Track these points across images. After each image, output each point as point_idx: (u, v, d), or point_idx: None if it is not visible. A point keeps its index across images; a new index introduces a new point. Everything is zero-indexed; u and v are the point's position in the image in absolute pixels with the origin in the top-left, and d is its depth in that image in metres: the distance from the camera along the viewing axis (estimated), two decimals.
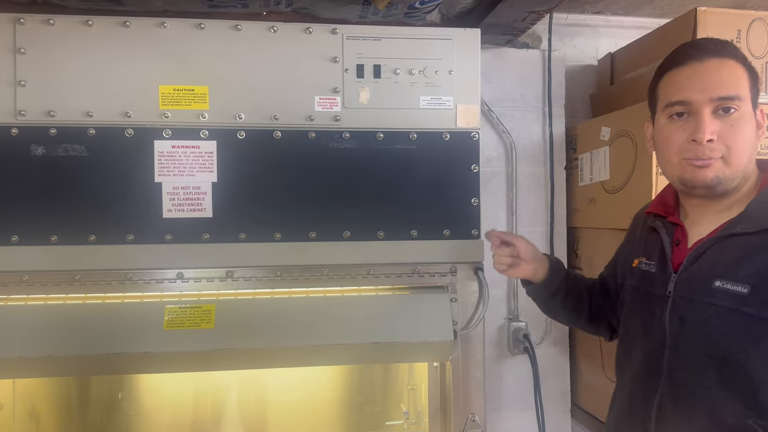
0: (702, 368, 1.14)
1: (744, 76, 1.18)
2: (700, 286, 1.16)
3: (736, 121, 1.15)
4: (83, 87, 1.57)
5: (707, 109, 1.16)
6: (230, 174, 1.63)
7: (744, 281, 1.10)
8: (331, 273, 1.69)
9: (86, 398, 1.87)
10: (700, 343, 1.15)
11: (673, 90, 1.21)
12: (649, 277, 1.29)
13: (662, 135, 1.24)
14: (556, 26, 2.25)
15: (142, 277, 1.63)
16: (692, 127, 1.17)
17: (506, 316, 2.13)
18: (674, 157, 1.21)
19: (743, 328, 1.10)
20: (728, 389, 1.11)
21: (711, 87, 1.15)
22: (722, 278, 1.13)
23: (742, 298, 1.10)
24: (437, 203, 1.68)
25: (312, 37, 1.65)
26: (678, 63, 1.21)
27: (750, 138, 1.17)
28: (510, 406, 2.12)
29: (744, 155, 1.16)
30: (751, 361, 1.09)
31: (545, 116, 2.17)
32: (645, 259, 1.33)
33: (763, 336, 1.08)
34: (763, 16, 1.79)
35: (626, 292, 1.39)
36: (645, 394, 1.24)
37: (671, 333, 1.20)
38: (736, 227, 1.15)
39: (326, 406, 1.97)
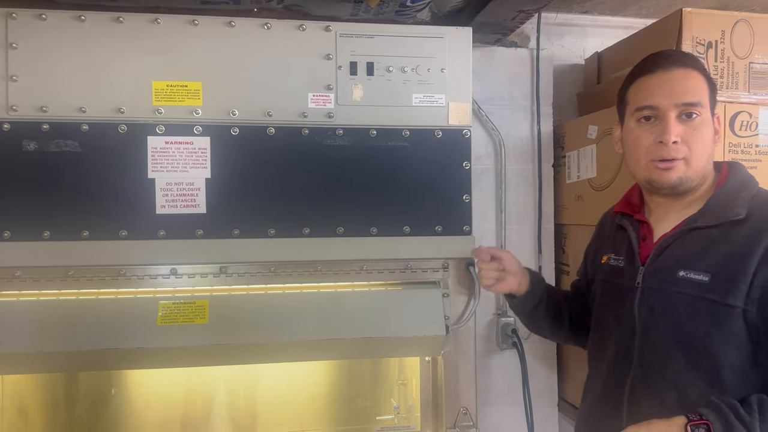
0: (670, 352, 1.25)
1: (705, 86, 1.30)
2: (666, 277, 1.28)
3: (697, 125, 1.27)
4: (76, 82, 1.57)
5: (673, 113, 1.27)
6: (224, 170, 1.63)
7: (705, 270, 1.22)
8: (324, 269, 1.70)
9: (75, 394, 1.86)
10: (668, 329, 1.26)
11: (642, 95, 1.32)
12: (618, 271, 1.40)
13: (631, 137, 1.34)
14: (545, 25, 2.27)
15: (136, 273, 1.63)
16: (659, 130, 1.28)
17: (495, 312, 2.16)
18: (642, 158, 1.32)
19: (707, 313, 1.21)
20: (694, 370, 1.22)
21: (677, 94, 1.27)
22: (686, 268, 1.25)
23: (705, 286, 1.21)
24: (429, 200, 1.70)
25: (305, 35, 1.66)
26: (647, 71, 1.32)
27: (709, 142, 1.29)
28: (499, 400, 2.15)
29: (703, 157, 1.29)
30: (714, 343, 1.20)
31: (533, 114, 2.20)
32: (613, 255, 1.45)
33: (725, 320, 1.19)
34: (746, 17, 1.83)
35: (596, 286, 1.49)
36: (617, 381, 1.34)
37: (641, 321, 1.30)
38: (698, 222, 1.28)
39: (316, 401, 1.97)
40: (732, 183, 1.31)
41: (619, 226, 1.46)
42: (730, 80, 1.83)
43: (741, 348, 1.19)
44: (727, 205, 1.26)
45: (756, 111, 1.82)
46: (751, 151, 1.82)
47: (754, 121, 1.82)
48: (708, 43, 1.80)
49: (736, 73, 1.83)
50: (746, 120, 1.82)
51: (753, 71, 1.84)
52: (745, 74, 1.84)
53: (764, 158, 1.83)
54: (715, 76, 1.82)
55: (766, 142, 1.83)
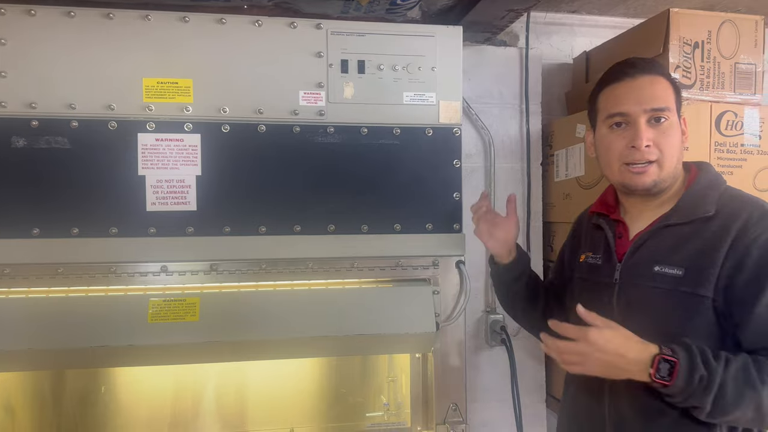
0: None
1: (671, 90, 1.36)
2: (642, 272, 1.34)
3: (666, 129, 1.33)
4: (65, 79, 1.56)
5: (642, 119, 1.33)
6: (214, 167, 1.63)
7: (679, 265, 1.29)
8: (315, 266, 1.71)
9: (64, 392, 1.85)
10: (645, 321, 1.30)
11: (612, 103, 1.37)
12: (596, 269, 1.46)
13: (604, 143, 1.40)
14: (534, 25, 2.29)
15: (126, 271, 1.63)
16: (630, 135, 1.33)
17: (484, 309, 2.18)
18: (615, 163, 1.37)
19: (680, 305, 1.28)
20: None
21: (645, 100, 1.32)
22: (661, 263, 1.32)
23: (679, 280, 1.28)
24: (420, 198, 1.71)
25: (296, 32, 1.66)
26: (614, 80, 1.38)
27: (678, 143, 1.35)
28: (488, 396, 2.17)
29: (674, 158, 1.34)
30: (687, 332, 1.26)
31: (522, 113, 2.21)
32: (591, 253, 1.50)
33: (696, 310, 1.26)
34: (732, 18, 1.85)
35: (575, 284, 1.55)
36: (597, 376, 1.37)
37: (619, 315, 1.34)
38: (671, 219, 1.34)
39: (306, 398, 1.98)
40: (701, 182, 1.37)
41: (595, 225, 1.51)
42: (716, 80, 1.86)
43: (710, 336, 1.26)
44: (698, 203, 1.33)
45: (741, 111, 1.85)
46: (736, 150, 1.84)
47: (740, 120, 1.85)
48: (695, 44, 1.83)
49: (722, 73, 1.86)
50: (732, 119, 1.85)
51: (738, 71, 1.87)
52: (731, 74, 1.87)
53: (749, 157, 1.86)
54: (701, 76, 1.84)
55: (750, 142, 1.86)
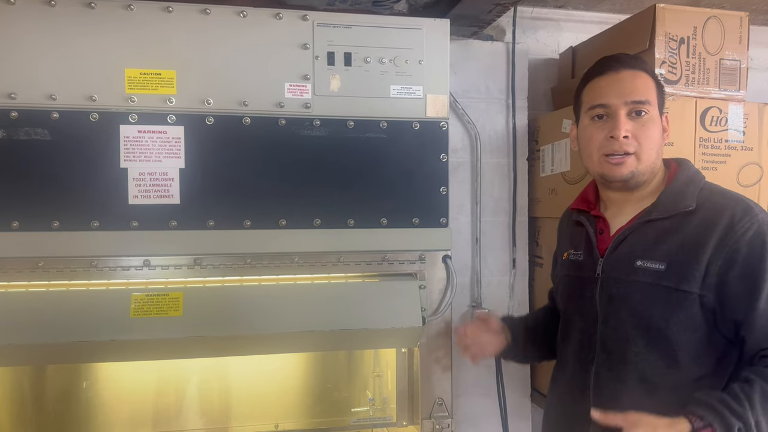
0: (630, 337, 1.34)
1: (652, 86, 1.40)
2: (624, 267, 1.37)
3: (646, 122, 1.37)
4: (46, 69, 1.53)
5: (623, 111, 1.36)
6: (198, 160, 1.61)
7: (661, 259, 1.32)
8: (301, 261, 1.69)
9: (45, 388, 1.82)
10: (627, 315, 1.35)
11: (594, 95, 1.41)
12: (578, 265, 1.49)
13: (586, 134, 1.43)
14: (520, 19, 2.29)
15: (108, 265, 1.60)
16: (610, 126, 1.37)
17: (470, 304, 2.17)
18: (595, 153, 1.40)
19: (662, 299, 1.31)
20: (653, 352, 1.32)
21: (626, 93, 1.36)
22: (643, 258, 1.34)
23: (660, 274, 1.31)
24: (407, 192, 1.70)
25: (282, 23, 1.64)
26: (598, 73, 1.42)
27: (657, 138, 1.38)
28: (472, 391, 2.17)
29: (653, 152, 1.37)
30: (669, 327, 1.30)
31: (509, 108, 2.21)
32: (573, 250, 1.53)
33: (679, 304, 1.29)
34: (718, 14, 1.86)
35: (559, 281, 1.60)
36: (583, 367, 1.43)
37: (601, 310, 1.39)
38: (652, 214, 1.37)
39: (291, 393, 1.97)
40: (681, 177, 1.40)
41: (576, 222, 1.54)
42: (701, 76, 1.87)
43: (696, 330, 1.29)
44: (678, 198, 1.36)
45: (726, 107, 1.86)
46: (720, 146, 1.86)
47: (724, 116, 1.86)
48: (680, 39, 1.84)
49: (707, 69, 1.87)
50: (716, 115, 1.86)
51: (723, 67, 1.88)
52: (716, 70, 1.88)
53: (733, 153, 1.87)
54: (687, 71, 1.85)
55: (735, 137, 1.87)
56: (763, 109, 1.90)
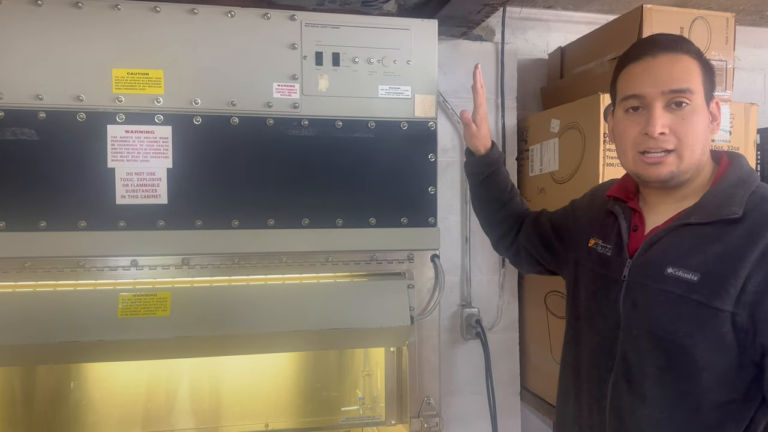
0: (652, 349, 1.20)
1: (697, 70, 1.21)
2: (653, 272, 1.22)
3: (687, 114, 1.19)
4: (32, 69, 1.52)
5: (659, 102, 1.20)
6: (186, 160, 1.61)
7: (695, 269, 1.16)
8: (289, 260, 1.69)
9: (34, 389, 1.82)
10: (649, 326, 1.21)
11: (628, 84, 1.25)
12: (605, 261, 1.34)
13: (619, 127, 1.29)
14: (509, 20, 2.30)
15: (95, 265, 1.60)
16: (645, 121, 1.22)
17: (459, 303, 2.18)
18: (629, 150, 1.26)
19: (691, 313, 1.15)
20: (675, 369, 1.18)
21: (662, 81, 1.20)
22: (674, 265, 1.18)
23: (692, 286, 1.15)
24: (395, 191, 1.70)
25: (270, 23, 1.64)
26: (633, 58, 1.25)
27: (702, 131, 1.21)
28: (462, 390, 2.18)
29: (696, 148, 1.20)
30: (696, 344, 1.14)
31: (498, 108, 2.22)
32: (601, 241, 1.38)
33: (708, 322, 1.13)
34: (704, 14, 1.88)
35: (581, 271, 1.43)
36: (601, 374, 1.30)
37: (624, 316, 1.25)
38: (691, 218, 1.21)
39: (281, 393, 1.97)
40: (730, 177, 1.22)
41: (609, 210, 1.40)
42: None
43: (725, 351, 1.14)
44: (723, 203, 1.18)
45: None
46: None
47: None
48: None
49: None
50: None
51: None
52: None
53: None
54: None
55: (721, 137, 1.89)
56: (750, 109, 1.92)
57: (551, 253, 1.60)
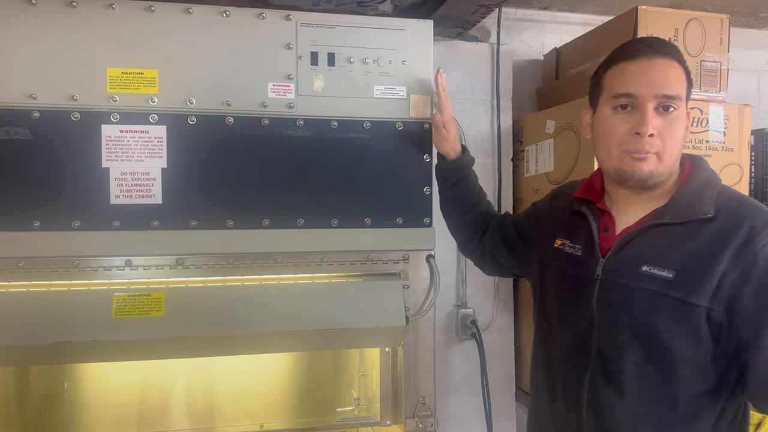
0: (630, 346, 1.24)
1: (684, 78, 1.26)
2: (628, 271, 1.25)
3: (674, 119, 1.23)
4: (26, 68, 1.51)
5: (651, 104, 1.22)
6: (181, 160, 1.60)
7: (670, 267, 1.20)
8: (284, 261, 1.69)
9: (27, 389, 1.81)
10: (627, 323, 1.24)
11: (620, 82, 1.26)
12: (576, 261, 1.37)
13: (605, 124, 1.29)
14: (505, 21, 2.30)
15: (89, 265, 1.59)
16: (635, 120, 1.23)
17: (455, 303, 2.19)
18: (615, 148, 1.27)
19: (668, 309, 1.20)
20: (653, 364, 1.22)
21: (657, 84, 1.21)
22: (649, 264, 1.22)
23: (669, 283, 1.20)
24: (390, 192, 1.70)
25: (265, 23, 1.64)
26: (627, 57, 1.26)
27: (682, 137, 1.26)
28: (458, 390, 2.18)
29: (675, 152, 1.25)
30: (673, 339, 1.19)
31: (493, 109, 2.23)
32: (569, 241, 1.41)
33: (685, 317, 1.18)
34: (699, 16, 1.88)
35: (549, 271, 1.46)
36: (575, 373, 1.32)
37: (599, 314, 1.28)
38: (664, 218, 1.25)
39: (276, 393, 1.96)
40: (697, 179, 1.28)
41: (576, 211, 1.42)
42: None
43: (700, 345, 1.19)
44: (694, 203, 1.24)
45: (707, 108, 1.89)
46: (701, 147, 1.88)
47: (705, 117, 1.88)
48: None
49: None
50: (697, 116, 1.88)
51: (704, 69, 1.90)
52: (697, 72, 1.90)
53: (714, 153, 1.89)
54: None
55: (715, 138, 1.90)
56: (744, 111, 1.93)
57: (516, 255, 1.63)
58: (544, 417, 1.45)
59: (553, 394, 1.40)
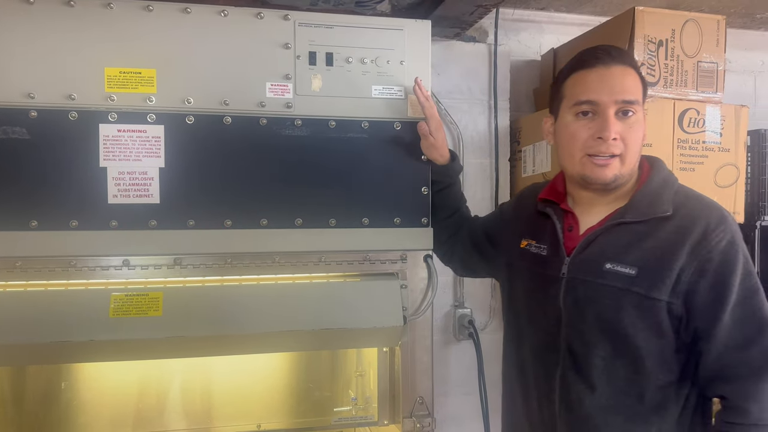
0: (598, 341, 1.30)
1: (639, 84, 1.32)
2: (592, 269, 1.31)
3: (633, 123, 1.30)
4: (24, 67, 1.51)
5: (612, 110, 1.28)
6: (178, 159, 1.60)
7: (632, 264, 1.27)
8: (282, 260, 1.69)
9: (25, 389, 1.80)
10: (593, 319, 1.30)
11: (581, 90, 1.31)
12: (542, 260, 1.42)
13: (567, 131, 1.34)
14: (502, 21, 2.30)
15: (87, 264, 1.59)
16: (597, 126, 1.29)
17: (452, 303, 2.19)
18: (578, 153, 1.33)
19: (632, 305, 1.26)
20: (620, 357, 1.29)
21: (617, 91, 1.28)
22: (612, 261, 1.28)
23: (632, 279, 1.26)
24: (388, 192, 1.70)
25: (263, 22, 1.64)
26: (587, 65, 1.31)
27: (641, 139, 1.32)
28: (455, 390, 2.18)
29: (636, 154, 1.32)
30: (638, 333, 1.26)
31: (491, 109, 2.23)
32: (534, 242, 1.46)
33: (649, 312, 1.25)
34: (696, 17, 1.89)
35: (516, 271, 1.51)
36: (546, 369, 1.38)
37: (566, 312, 1.34)
38: (625, 216, 1.31)
39: (273, 393, 1.96)
40: (656, 179, 1.34)
41: (540, 212, 1.47)
42: (679, 78, 1.89)
43: (662, 338, 1.26)
44: (654, 201, 1.30)
45: (703, 108, 1.89)
46: (698, 147, 1.88)
47: (702, 118, 1.89)
48: (659, 42, 1.86)
49: (685, 72, 1.89)
50: (694, 117, 1.89)
51: (701, 70, 1.91)
52: (694, 72, 1.91)
53: (710, 154, 1.90)
54: (665, 73, 1.88)
55: (712, 139, 1.90)
56: (740, 111, 1.93)
57: (484, 257, 1.68)
58: (519, 416, 1.49)
59: (527, 392, 1.44)
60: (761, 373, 1.22)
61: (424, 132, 1.64)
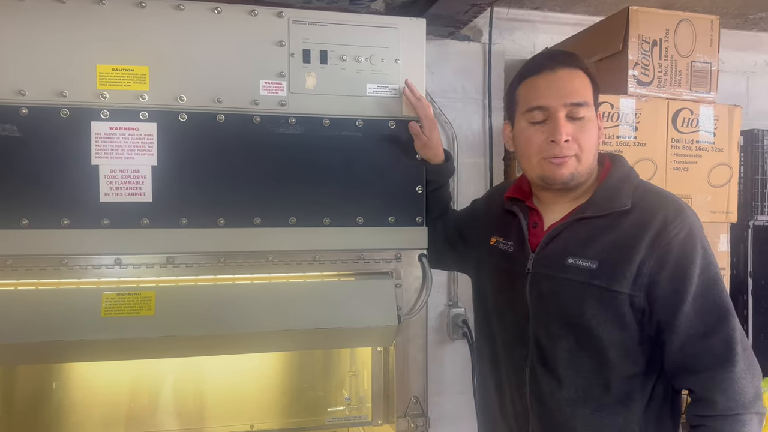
0: (562, 334, 1.34)
1: (589, 85, 1.36)
2: (555, 263, 1.35)
3: (585, 124, 1.33)
4: (14, 64, 1.49)
5: (562, 113, 1.32)
6: (171, 157, 1.58)
7: (593, 258, 1.30)
8: (276, 259, 1.68)
9: (15, 389, 1.79)
10: (557, 312, 1.34)
11: (531, 96, 1.36)
12: (508, 257, 1.47)
13: (523, 137, 1.39)
14: (497, 20, 2.31)
15: (78, 263, 1.57)
16: (550, 130, 1.33)
17: (446, 303, 2.18)
18: (534, 157, 1.37)
19: (594, 298, 1.29)
20: (585, 350, 1.32)
21: (564, 94, 1.32)
22: (574, 256, 1.33)
23: (593, 273, 1.30)
24: (383, 190, 1.69)
25: (257, 20, 1.63)
26: (533, 72, 1.37)
27: (595, 138, 1.36)
28: (449, 389, 2.18)
29: (592, 152, 1.36)
30: (600, 325, 1.29)
31: (485, 108, 2.23)
32: (502, 238, 1.51)
33: (610, 304, 1.28)
34: (689, 17, 1.90)
35: (485, 268, 1.56)
36: (517, 363, 1.41)
37: (532, 306, 1.38)
38: (586, 212, 1.35)
39: (267, 393, 1.96)
40: (616, 175, 1.38)
41: (507, 210, 1.52)
42: (673, 78, 1.90)
43: (625, 330, 1.29)
44: (613, 196, 1.34)
45: (697, 108, 1.90)
46: (692, 147, 1.89)
47: (695, 117, 1.90)
48: (653, 41, 1.86)
49: (679, 71, 1.90)
50: (687, 117, 1.89)
51: (694, 69, 1.92)
52: (687, 72, 1.91)
53: (704, 153, 1.91)
54: (659, 73, 1.88)
55: (705, 138, 1.91)
56: (733, 111, 1.94)
57: (456, 252, 1.72)
58: (493, 409, 1.53)
59: (500, 386, 1.48)
60: (724, 363, 1.23)
61: (416, 132, 1.65)
